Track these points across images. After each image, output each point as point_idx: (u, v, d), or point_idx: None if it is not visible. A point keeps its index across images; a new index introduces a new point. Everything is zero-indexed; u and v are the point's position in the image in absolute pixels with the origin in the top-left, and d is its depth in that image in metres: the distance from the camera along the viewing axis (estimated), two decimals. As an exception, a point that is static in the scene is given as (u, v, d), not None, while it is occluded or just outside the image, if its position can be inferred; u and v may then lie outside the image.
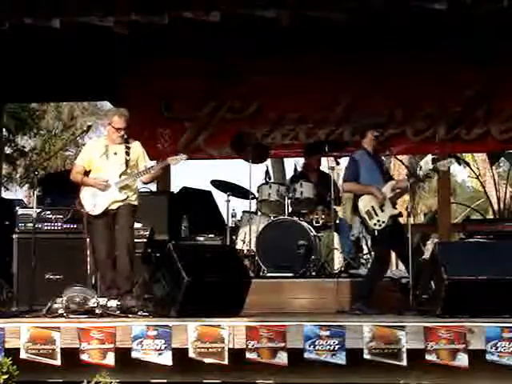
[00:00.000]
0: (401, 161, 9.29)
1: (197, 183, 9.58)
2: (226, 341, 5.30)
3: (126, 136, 6.59)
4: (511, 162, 14.21)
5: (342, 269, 7.54)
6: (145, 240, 7.41)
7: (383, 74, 9.02)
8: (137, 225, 7.44)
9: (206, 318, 5.47)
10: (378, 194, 6.59)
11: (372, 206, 6.58)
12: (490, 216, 15.67)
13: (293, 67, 9.10)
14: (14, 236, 7.19)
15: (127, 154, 6.56)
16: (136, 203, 6.63)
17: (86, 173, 6.62)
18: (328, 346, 5.23)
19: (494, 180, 15.27)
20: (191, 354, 5.32)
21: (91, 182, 6.56)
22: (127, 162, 6.55)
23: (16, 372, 5.06)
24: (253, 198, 8.11)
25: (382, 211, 6.58)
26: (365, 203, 6.60)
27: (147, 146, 6.91)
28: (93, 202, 6.52)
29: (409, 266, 6.45)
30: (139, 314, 5.96)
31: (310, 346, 5.24)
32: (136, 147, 6.66)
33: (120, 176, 6.52)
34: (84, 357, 5.39)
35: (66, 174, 7.14)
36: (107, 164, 6.55)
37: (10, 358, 5.13)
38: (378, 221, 6.56)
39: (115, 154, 6.56)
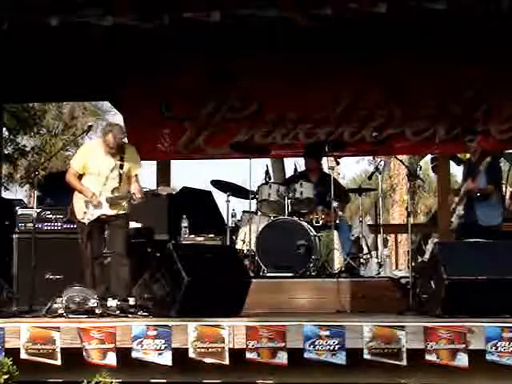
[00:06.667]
0: (401, 161, 9.28)
1: (197, 183, 9.58)
2: (226, 341, 5.29)
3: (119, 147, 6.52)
4: (511, 162, 14.17)
5: (342, 269, 7.54)
6: (145, 240, 7.41)
7: (383, 74, 9.02)
8: (137, 225, 7.45)
9: (206, 318, 5.46)
10: None
11: None
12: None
13: (293, 67, 9.09)
14: (14, 236, 7.20)
15: (121, 167, 6.48)
16: (127, 211, 6.57)
17: (80, 176, 6.55)
18: (328, 346, 5.22)
19: (494, 180, 15.19)
20: (191, 354, 5.32)
21: (82, 189, 6.47)
22: (120, 176, 6.48)
23: (16, 372, 5.05)
24: (253, 198, 8.10)
25: None
26: None
27: (147, 146, 6.92)
28: (84, 210, 6.46)
29: None
30: (139, 314, 5.96)
31: (309, 346, 5.23)
32: (130, 154, 6.58)
33: (112, 191, 6.46)
34: (84, 357, 5.39)
35: (65, 174, 7.12)
36: (100, 176, 6.47)
37: (10, 358, 5.12)
38: None
39: (109, 165, 6.48)
